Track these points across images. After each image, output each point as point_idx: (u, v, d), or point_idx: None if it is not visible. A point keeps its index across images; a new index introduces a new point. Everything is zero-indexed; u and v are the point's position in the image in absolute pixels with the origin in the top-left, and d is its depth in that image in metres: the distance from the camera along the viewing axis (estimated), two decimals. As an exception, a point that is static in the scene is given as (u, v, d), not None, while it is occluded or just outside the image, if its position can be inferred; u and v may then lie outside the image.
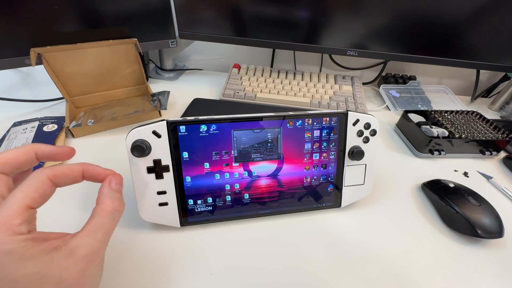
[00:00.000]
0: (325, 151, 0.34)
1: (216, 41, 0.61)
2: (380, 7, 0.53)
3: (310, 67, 0.79)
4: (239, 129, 0.31)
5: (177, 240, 0.32)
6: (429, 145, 0.46)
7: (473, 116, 0.52)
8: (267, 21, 0.57)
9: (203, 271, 0.29)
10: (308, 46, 0.59)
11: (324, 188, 0.35)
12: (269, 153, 0.32)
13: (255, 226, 0.34)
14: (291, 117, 0.31)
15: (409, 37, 0.56)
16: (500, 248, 0.34)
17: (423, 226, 0.36)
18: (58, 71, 0.47)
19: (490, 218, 0.34)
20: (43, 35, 0.48)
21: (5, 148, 0.41)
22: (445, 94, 0.66)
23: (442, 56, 0.57)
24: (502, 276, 0.31)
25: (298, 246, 0.33)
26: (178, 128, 0.29)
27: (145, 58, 0.68)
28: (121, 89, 0.55)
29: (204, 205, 0.33)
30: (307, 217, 0.36)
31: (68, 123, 0.45)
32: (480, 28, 0.53)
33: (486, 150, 0.47)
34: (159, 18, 0.56)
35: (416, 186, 0.42)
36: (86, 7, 0.50)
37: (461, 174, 0.45)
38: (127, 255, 0.30)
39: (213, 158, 0.31)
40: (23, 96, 0.54)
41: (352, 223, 0.36)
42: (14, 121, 0.47)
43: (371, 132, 0.33)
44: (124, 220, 0.34)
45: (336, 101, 0.59)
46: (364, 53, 0.59)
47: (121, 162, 0.41)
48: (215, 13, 0.57)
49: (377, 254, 0.32)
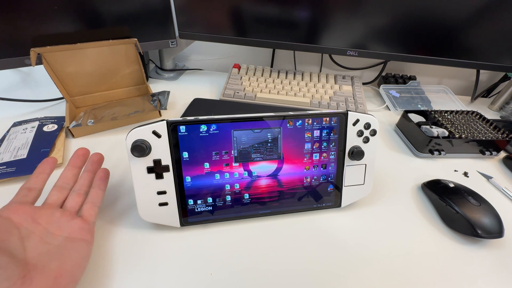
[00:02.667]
0: (325, 151, 0.34)
1: (216, 41, 0.61)
2: (380, 7, 0.53)
3: (310, 67, 0.79)
4: (239, 129, 0.31)
5: (177, 240, 0.32)
6: (429, 145, 0.46)
7: (473, 116, 0.52)
8: (267, 21, 0.57)
9: (203, 271, 0.29)
10: (308, 46, 0.59)
11: (324, 188, 0.35)
12: (269, 153, 0.32)
13: (255, 226, 0.34)
14: (291, 117, 0.31)
15: (409, 37, 0.56)
16: (500, 248, 0.34)
17: (423, 226, 0.36)
18: (58, 71, 0.47)
19: (490, 218, 0.34)
20: (43, 35, 0.48)
21: (5, 148, 0.41)
22: (445, 94, 0.66)
23: (442, 56, 0.57)
24: (502, 276, 0.31)
25: (298, 246, 0.33)
26: (178, 128, 0.29)
27: (145, 58, 0.68)
28: (121, 89, 0.55)
29: (204, 205, 0.33)
30: (307, 217, 0.36)
31: (68, 123, 0.45)
32: (480, 28, 0.53)
33: (486, 150, 0.47)
34: (159, 18, 0.56)
35: (416, 186, 0.42)
36: (86, 7, 0.50)
37: (461, 174, 0.45)
38: (127, 255, 0.30)
39: (213, 158, 0.31)
40: (23, 96, 0.54)
41: (352, 223, 0.36)
42: (14, 121, 0.47)
43: (371, 132, 0.33)
44: (124, 220, 0.34)
45: (336, 101, 0.59)
46: (364, 53, 0.59)
47: (121, 162, 0.42)
48: (215, 13, 0.57)
49: (377, 254, 0.32)
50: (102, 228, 0.33)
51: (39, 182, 0.29)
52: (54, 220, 0.27)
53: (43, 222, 0.27)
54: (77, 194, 0.31)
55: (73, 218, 0.28)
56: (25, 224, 0.26)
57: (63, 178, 0.31)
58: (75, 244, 0.27)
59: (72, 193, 0.31)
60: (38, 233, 0.26)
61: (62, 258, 0.25)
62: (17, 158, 0.39)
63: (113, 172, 0.34)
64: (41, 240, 0.25)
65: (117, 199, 0.36)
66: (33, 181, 0.29)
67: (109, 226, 0.33)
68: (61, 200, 0.30)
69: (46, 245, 0.25)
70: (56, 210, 0.28)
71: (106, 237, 0.32)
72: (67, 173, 0.32)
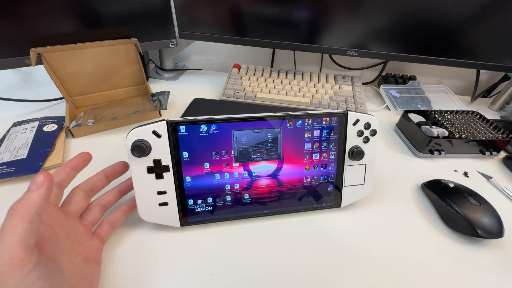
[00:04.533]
0: (325, 151, 0.34)
1: (216, 41, 0.61)
2: (380, 7, 0.53)
3: (310, 67, 0.79)
4: (239, 129, 0.31)
5: (177, 240, 0.32)
6: (429, 145, 0.46)
7: (473, 116, 0.52)
8: (267, 21, 0.57)
9: (203, 271, 0.29)
10: (308, 46, 0.59)
11: (324, 188, 0.35)
12: (269, 153, 0.32)
13: (255, 226, 0.34)
14: (291, 117, 0.31)
15: (409, 37, 0.56)
16: (500, 248, 0.34)
17: (423, 226, 0.36)
18: (58, 71, 0.47)
19: (490, 218, 0.34)
20: (43, 35, 0.48)
21: (5, 148, 0.41)
22: (445, 94, 0.66)
23: (442, 56, 0.57)
24: (502, 276, 0.31)
25: (298, 246, 0.33)
26: (178, 128, 0.29)
27: (145, 58, 0.68)
28: (121, 89, 0.55)
29: (204, 205, 0.33)
30: (307, 217, 0.36)
31: (68, 123, 0.45)
32: (480, 28, 0.53)
33: (486, 150, 0.47)
34: (159, 18, 0.56)
35: (416, 186, 0.42)
36: (86, 7, 0.50)
37: (461, 174, 0.45)
38: (127, 255, 0.30)
39: (213, 158, 0.31)
40: (23, 96, 0.54)
41: (352, 223, 0.36)
42: (14, 121, 0.47)
43: (371, 132, 0.33)
44: (124, 220, 0.34)
45: (336, 101, 0.59)
46: (364, 53, 0.59)
47: (121, 162, 0.42)
48: (215, 13, 0.57)
49: (377, 254, 0.32)
50: (102, 228, 0.32)
51: (69, 180, 0.26)
52: (77, 236, 0.25)
53: (70, 236, 0.24)
54: (101, 210, 0.29)
55: (92, 237, 0.27)
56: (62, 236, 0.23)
57: (92, 184, 0.29)
58: (91, 266, 0.25)
59: (96, 206, 0.29)
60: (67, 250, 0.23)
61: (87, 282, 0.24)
62: (17, 158, 0.39)
63: (113, 172, 0.34)
64: (69, 259, 0.23)
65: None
66: (65, 177, 0.26)
67: (109, 226, 0.33)
68: (83, 209, 0.28)
69: (72, 265, 0.23)
70: (79, 224, 0.26)
71: (106, 237, 0.32)
72: (97, 181, 0.29)
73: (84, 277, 0.24)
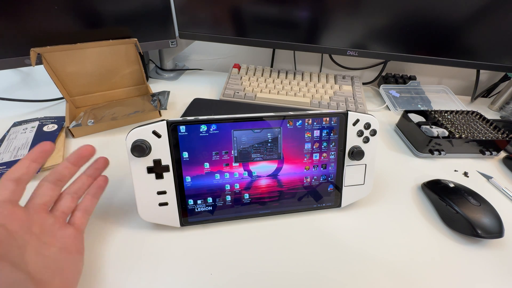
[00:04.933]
0: (325, 151, 0.34)
1: (216, 41, 0.61)
2: (380, 7, 0.53)
3: (310, 67, 0.79)
4: (239, 129, 0.31)
5: (177, 240, 0.32)
6: (429, 145, 0.46)
7: (473, 116, 0.52)
8: (267, 21, 0.57)
9: (203, 271, 0.29)
10: (308, 46, 0.59)
11: (324, 188, 0.35)
12: (269, 153, 0.32)
13: (255, 226, 0.34)
14: (291, 117, 0.31)
15: (409, 37, 0.56)
16: (500, 248, 0.34)
17: (423, 226, 0.36)
18: (58, 71, 0.47)
19: (490, 218, 0.34)
20: (43, 35, 0.48)
21: (5, 148, 0.41)
22: (445, 94, 0.66)
23: (442, 56, 0.57)
24: (502, 276, 0.31)
25: (298, 246, 0.33)
26: (178, 128, 0.29)
27: (145, 58, 0.68)
28: (121, 89, 0.55)
29: (204, 205, 0.33)
30: (307, 217, 0.36)
31: (68, 123, 0.45)
32: (480, 28, 0.53)
33: (486, 150, 0.47)
34: (159, 18, 0.56)
35: (416, 186, 0.42)
36: (86, 7, 0.50)
37: (461, 174, 0.45)
38: (127, 255, 0.30)
39: (213, 158, 0.31)
40: (23, 96, 0.54)
41: (352, 223, 0.36)
42: (14, 121, 0.47)
43: (371, 132, 0.33)
44: (124, 220, 0.34)
45: (336, 101, 0.59)
46: (364, 53, 0.59)
47: (121, 162, 0.42)
48: (215, 13, 0.57)
49: (377, 254, 0.32)
50: (101, 228, 0.33)
51: (30, 174, 0.24)
52: (47, 228, 0.24)
53: (36, 230, 0.24)
54: (72, 199, 0.28)
55: (66, 227, 0.26)
56: (20, 232, 0.22)
57: (58, 174, 0.27)
58: (70, 256, 0.25)
59: (66, 196, 0.28)
60: (33, 244, 0.23)
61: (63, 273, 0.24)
62: (17, 158, 0.39)
63: (113, 172, 0.34)
64: (37, 252, 0.23)
65: (117, 199, 0.36)
66: (23, 171, 0.24)
67: (109, 226, 0.33)
68: (52, 201, 0.26)
69: (43, 257, 0.23)
70: (48, 216, 0.25)
71: (106, 237, 0.32)
72: (63, 170, 0.27)
73: (60, 267, 0.24)
